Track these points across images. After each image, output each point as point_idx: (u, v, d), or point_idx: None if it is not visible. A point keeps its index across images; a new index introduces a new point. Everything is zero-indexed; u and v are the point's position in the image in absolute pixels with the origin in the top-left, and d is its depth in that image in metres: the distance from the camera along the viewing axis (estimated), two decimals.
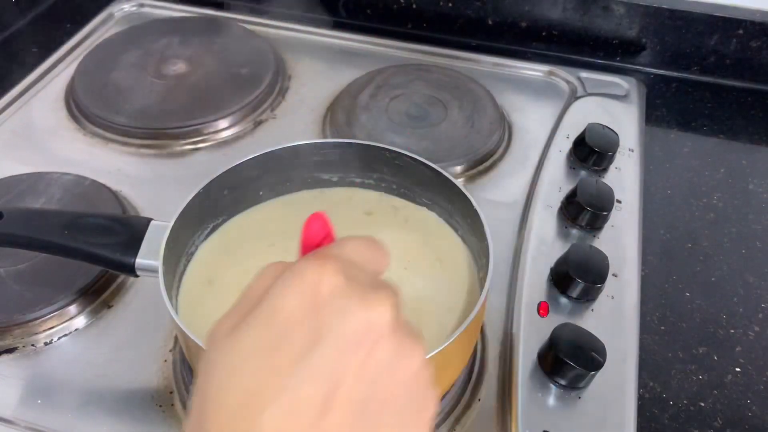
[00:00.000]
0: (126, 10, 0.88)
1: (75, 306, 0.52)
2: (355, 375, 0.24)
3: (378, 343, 0.24)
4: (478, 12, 0.83)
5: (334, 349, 0.24)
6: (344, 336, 0.24)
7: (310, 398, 0.23)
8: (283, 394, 0.23)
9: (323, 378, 0.23)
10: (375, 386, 0.24)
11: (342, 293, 0.25)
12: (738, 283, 0.57)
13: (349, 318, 0.24)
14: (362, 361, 0.24)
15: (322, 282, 0.25)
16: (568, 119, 0.71)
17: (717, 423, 0.48)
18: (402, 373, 0.25)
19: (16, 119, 0.71)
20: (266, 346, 0.24)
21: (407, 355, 0.25)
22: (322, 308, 0.24)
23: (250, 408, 0.23)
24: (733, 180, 0.67)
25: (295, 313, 0.24)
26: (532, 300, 0.52)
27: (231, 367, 0.24)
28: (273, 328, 0.24)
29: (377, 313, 0.25)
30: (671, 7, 0.77)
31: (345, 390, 0.23)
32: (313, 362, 0.23)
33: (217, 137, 0.69)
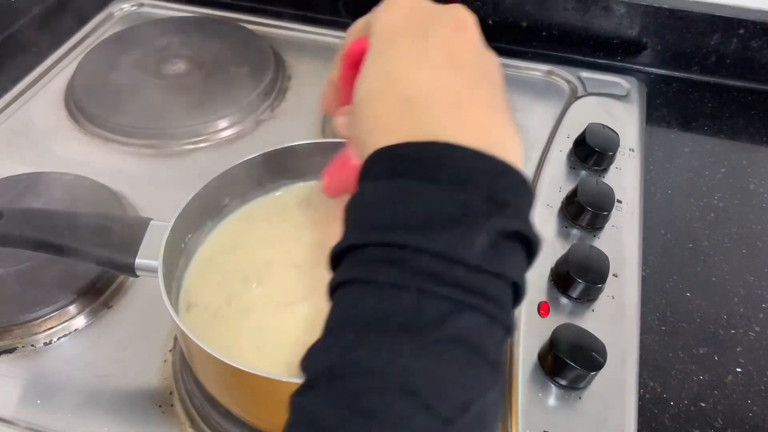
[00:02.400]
0: (126, 10, 0.88)
1: (75, 306, 0.52)
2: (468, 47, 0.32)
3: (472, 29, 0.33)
4: (478, 12, 0.82)
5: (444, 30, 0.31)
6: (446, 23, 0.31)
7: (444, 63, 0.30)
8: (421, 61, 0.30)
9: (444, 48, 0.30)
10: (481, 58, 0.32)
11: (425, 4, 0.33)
12: (738, 283, 0.57)
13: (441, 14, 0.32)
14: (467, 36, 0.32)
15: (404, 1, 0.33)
16: (568, 119, 0.71)
17: (717, 423, 0.48)
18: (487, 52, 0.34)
19: (16, 119, 0.71)
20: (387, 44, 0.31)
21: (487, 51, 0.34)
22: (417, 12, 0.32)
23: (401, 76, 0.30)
24: (733, 180, 0.67)
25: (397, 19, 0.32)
26: (532, 300, 0.52)
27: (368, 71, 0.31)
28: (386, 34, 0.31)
29: (461, 12, 0.33)
30: (671, 6, 0.77)
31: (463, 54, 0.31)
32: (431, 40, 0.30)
33: (217, 137, 0.69)
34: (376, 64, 0.31)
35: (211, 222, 0.50)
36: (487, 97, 0.30)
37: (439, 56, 0.30)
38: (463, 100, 0.29)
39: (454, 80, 0.29)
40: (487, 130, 0.28)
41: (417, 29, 0.31)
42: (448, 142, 0.26)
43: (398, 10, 0.32)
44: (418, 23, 0.31)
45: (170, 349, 0.50)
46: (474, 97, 0.29)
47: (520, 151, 0.30)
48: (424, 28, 0.31)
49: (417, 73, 0.29)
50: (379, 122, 0.29)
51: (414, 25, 0.31)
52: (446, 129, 0.27)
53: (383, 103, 0.29)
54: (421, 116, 0.28)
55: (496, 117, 0.30)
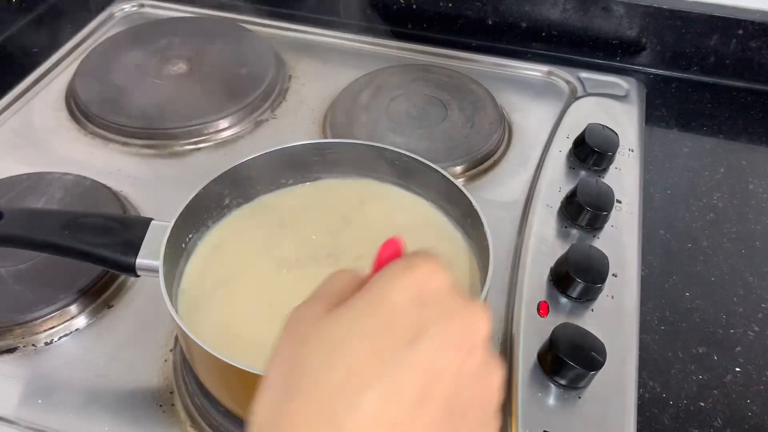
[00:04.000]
0: (126, 11, 0.88)
1: (75, 306, 0.52)
2: (451, 374, 0.24)
3: (473, 352, 0.25)
4: (478, 12, 0.83)
5: (436, 346, 0.24)
6: (446, 336, 0.25)
7: (410, 387, 0.23)
8: (385, 377, 0.23)
9: (423, 370, 0.24)
10: (464, 391, 0.25)
11: (448, 294, 0.26)
12: (738, 283, 0.58)
13: (453, 320, 0.25)
14: (459, 363, 0.25)
15: (432, 279, 0.26)
16: (568, 119, 0.71)
17: (717, 423, 0.48)
18: (485, 387, 0.26)
19: (16, 119, 0.71)
20: (372, 329, 0.24)
21: (492, 371, 0.27)
22: (429, 304, 0.25)
23: (351, 387, 0.23)
24: (732, 180, 0.67)
25: (402, 303, 0.25)
26: (532, 300, 0.52)
27: (334, 344, 0.24)
28: (379, 313, 0.25)
29: (477, 324, 0.26)
30: (671, 7, 0.77)
31: (441, 386, 0.24)
32: (415, 353, 0.24)
33: (217, 137, 0.69)
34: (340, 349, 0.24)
35: (211, 222, 0.51)
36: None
37: (408, 381, 0.23)
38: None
39: (402, 421, 0.23)
40: None
41: (412, 327, 0.24)
42: None
43: (411, 289, 0.25)
44: (417, 320, 0.25)
45: (171, 349, 0.50)
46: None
47: None
48: (419, 332, 0.24)
49: (365, 397, 0.23)
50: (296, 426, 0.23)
51: (411, 321, 0.25)
52: None
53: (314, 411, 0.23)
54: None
55: None
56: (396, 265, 0.26)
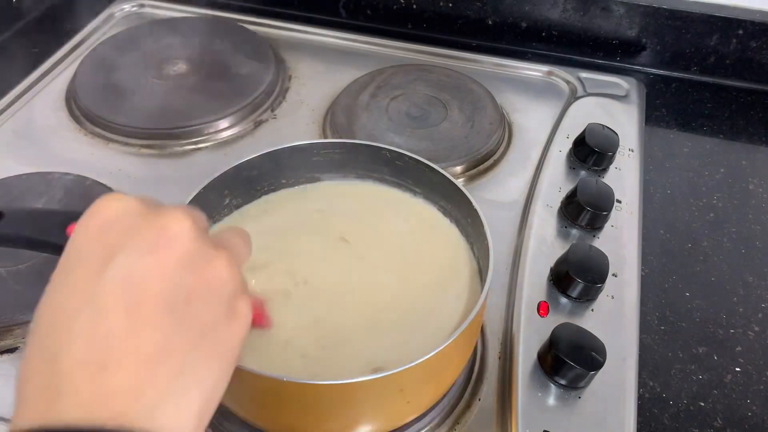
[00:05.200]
0: (126, 11, 0.88)
1: None
2: (154, 275, 0.25)
3: (172, 249, 0.26)
4: (478, 12, 0.83)
5: (128, 260, 0.25)
6: (137, 246, 0.26)
7: (114, 301, 0.25)
8: (86, 303, 0.25)
9: (123, 283, 0.25)
10: (177, 284, 0.26)
11: (130, 215, 0.27)
12: (738, 283, 0.58)
13: (140, 231, 0.26)
14: (159, 264, 0.26)
15: (109, 208, 0.27)
16: (568, 119, 0.71)
17: (717, 423, 0.48)
18: (205, 273, 0.27)
19: (17, 119, 0.71)
20: (62, 275, 0.26)
21: (207, 258, 0.27)
22: (112, 230, 0.27)
23: (59, 322, 0.25)
24: (733, 180, 0.67)
25: (87, 240, 0.27)
26: (532, 300, 0.52)
27: (41, 300, 0.26)
28: (67, 261, 0.27)
29: (168, 223, 0.27)
30: (671, 7, 0.77)
31: (146, 290, 0.25)
32: (109, 273, 0.25)
33: (217, 137, 0.69)
34: (45, 301, 0.26)
35: (211, 222, 0.51)
36: (153, 345, 0.25)
37: (111, 294, 0.25)
38: (115, 356, 0.24)
39: (117, 330, 0.24)
40: (134, 397, 0.24)
41: (101, 255, 0.26)
42: (79, 425, 0.23)
43: (95, 223, 0.27)
44: (104, 248, 0.26)
45: None
46: (132, 348, 0.24)
47: (185, 412, 0.25)
48: (110, 252, 0.26)
49: (74, 324, 0.24)
50: (25, 383, 0.25)
51: (99, 250, 0.26)
52: (83, 402, 0.23)
53: (34, 356, 0.25)
54: (60, 383, 0.23)
55: (157, 373, 0.24)
56: (80, 219, 0.28)
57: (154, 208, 0.28)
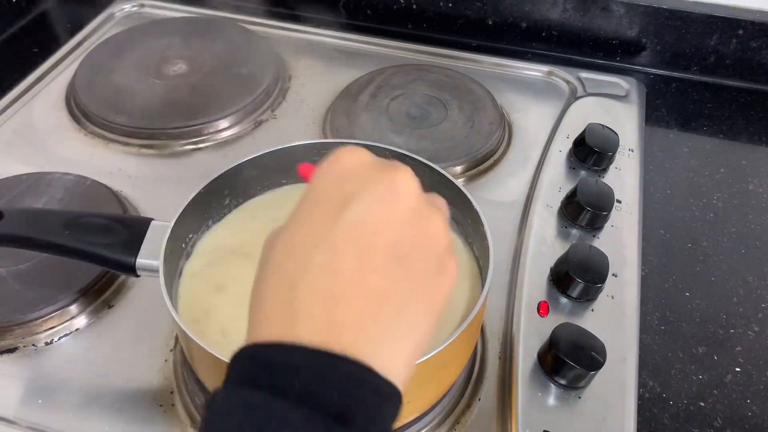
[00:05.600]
0: (127, 11, 0.88)
1: (76, 306, 0.52)
2: (383, 225, 0.28)
3: (402, 203, 0.29)
4: (478, 12, 0.83)
5: (362, 207, 0.28)
6: (370, 196, 0.28)
7: (348, 243, 0.27)
8: (323, 242, 0.27)
9: (356, 229, 0.27)
10: (401, 235, 0.28)
11: (365, 167, 0.30)
12: (738, 283, 0.58)
13: (374, 182, 0.29)
14: (390, 214, 0.28)
15: (347, 159, 0.30)
16: (568, 119, 0.71)
17: (717, 423, 0.48)
18: (424, 230, 0.29)
19: (17, 119, 0.71)
20: (305, 212, 0.29)
21: (427, 216, 0.30)
22: (348, 180, 0.29)
23: (298, 256, 0.27)
24: (733, 180, 0.67)
25: (325, 187, 0.29)
26: (532, 300, 0.52)
27: (280, 237, 0.29)
28: (309, 202, 0.29)
29: (398, 179, 0.29)
30: (671, 7, 0.77)
31: (375, 237, 0.28)
32: (344, 218, 0.28)
33: (217, 137, 0.69)
34: (284, 238, 0.29)
35: (211, 222, 0.51)
36: (379, 288, 0.27)
37: (344, 236, 0.27)
38: (347, 293, 0.26)
39: (349, 270, 0.27)
40: (358, 332, 0.26)
41: (338, 201, 0.28)
42: (313, 347, 0.25)
43: (334, 172, 0.30)
44: (341, 194, 0.28)
45: (171, 349, 0.50)
46: (361, 288, 0.27)
47: (397, 357, 0.27)
48: (344, 200, 0.28)
49: (312, 259, 0.27)
50: (263, 302, 0.28)
51: (338, 195, 0.29)
52: (316, 329, 0.26)
53: (274, 282, 0.28)
54: (298, 309, 0.26)
55: (380, 314, 0.27)
56: (318, 166, 0.31)
57: (386, 163, 0.30)
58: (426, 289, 0.29)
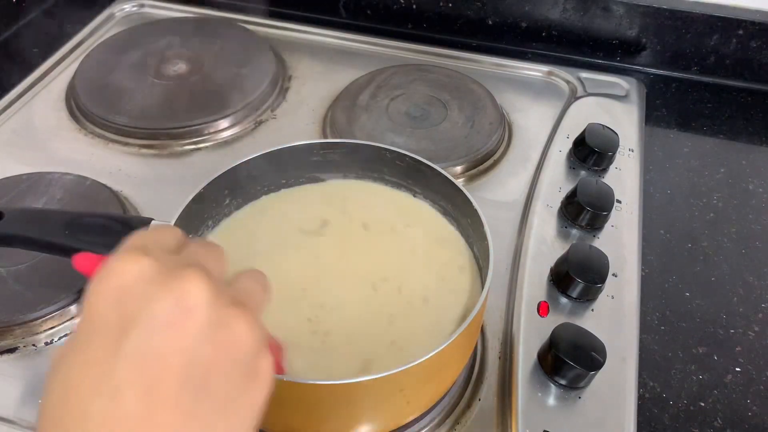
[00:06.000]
0: (126, 11, 0.88)
1: (76, 306, 0.52)
2: (172, 351, 0.24)
3: (191, 319, 0.25)
4: (478, 12, 0.83)
5: (146, 332, 0.24)
6: (154, 318, 0.25)
7: (131, 382, 0.24)
8: (101, 382, 0.24)
9: (139, 361, 0.24)
10: (195, 357, 0.25)
11: (147, 280, 0.26)
12: (738, 283, 0.58)
13: (156, 302, 0.25)
14: (176, 338, 0.25)
15: (126, 271, 0.26)
16: (568, 119, 0.71)
17: (717, 423, 0.48)
18: (223, 340, 0.26)
19: (17, 119, 0.71)
20: (81, 342, 0.25)
21: (225, 324, 0.26)
22: (129, 297, 0.25)
23: (73, 402, 0.24)
24: (733, 180, 0.67)
25: (103, 308, 0.25)
26: (532, 300, 0.52)
27: (54, 370, 0.25)
28: (85, 326, 0.25)
29: (185, 291, 0.25)
30: (671, 7, 0.77)
31: (164, 367, 0.24)
32: (125, 349, 0.24)
33: (217, 137, 0.69)
34: (60, 371, 0.25)
35: (211, 222, 0.51)
36: (175, 427, 0.24)
37: (126, 373, 0.24)
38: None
39: (134, 415, 0.23)
40: None
41: (116, 328, 0.25)
42: None
43: (109, 290, 0.26)
44: (120, 318, 0.25)
45: None
46: (155, 425, 0.24)
47: None
48: (124, 326, 0.24)
49: (89, 407, 0.23)
50: None
51: (114, 320, 0.25)
52: None
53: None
54: None
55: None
56: (92, 279, 0.26)
57: (172, 269, 0.26)
58: (233, 408, 0.26)
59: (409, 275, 0.48)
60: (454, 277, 0.48)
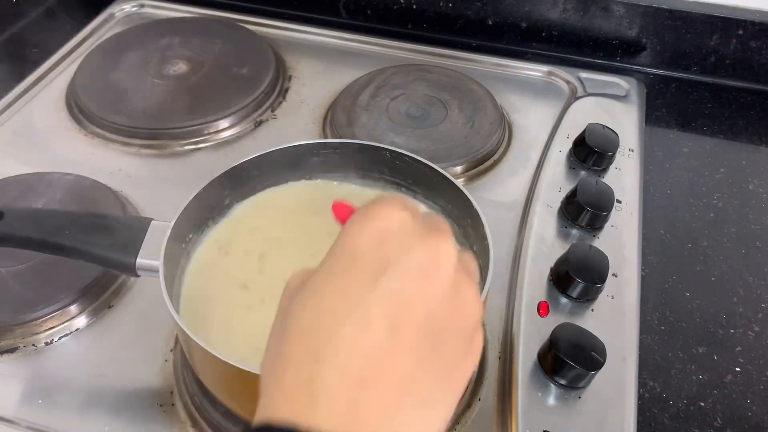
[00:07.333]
0: (127, 11, 0.88)
1: (76, 306, 0.52)
2: (421, 299, 0.26)
3: (439, 276, 0.27)
4: (478, 12, 0.83)
5: (400, 278, 0.26)
6: (409, 266, 0.27)
7: (381, 317, 0.26)
8: (354, 311, 0.26)
9: (391, 301, 0.26)
10: (436, 312, 0.27)
11: (407, 231, 0.28)
12: (738, 283, 0.58)
13: (413, 253, 0.27)
14: (427, 288, 0.27)
15: (390, 220, 0.28)
16: (568, 119, 0.71)
17: (717, 423, 0.48)
18: (458, 306, 0.28)
19: (17, 119, 0.71)
20: (339, 271, 0.27)
21: (463, 288, 0.28)
22: (389, 242, 0.27)
23: (325, 323, 0.26)
24: (733, 180, 0.67)
25: (364, 246, 0.28)
26: (532, 300, 0.52)
27: (308, 292, 0.27)
28: (344, 258, 0.28)
29: (441, 249, 0.28)
30: (671, 7, 0.77)
31: (412, 312, 0.26)
32: (381, 286, 0.26)
33: (217, 137, 0.69)
34: (314, 292, 0.27)
35: (212, 222, 0.51)
36: (409, 370, 0.25)
37: (378, 309, 0.26)
38: (374, 375, 0.25)
39: (378, 347, 0.25)
40: (382, 422, 0.25)
41: (374, 266, 0.27)
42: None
43: (371, 230, 0.28)
44: (380, 258, 0.27)
45: (171, 349, 0.51)
46: (390, 370, 0.25)
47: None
48: (382, 266, 0.26)
49: (340, 330, 0.25)
50: (282, 372, 0.26)
51: (374, 259, 0.27)
52: (337, 414, 0.24)
53: (295, 350, 0.26)
54: (320, 389, 0.24)
55: (407, 401, 0.25)
56: (356, 215, 0.29)
57: (429, 228, 0.29)
58: (453, 373, 0.28)
59: None
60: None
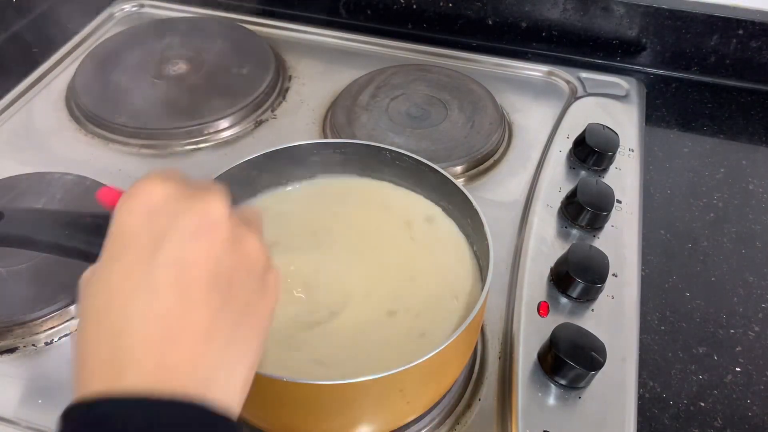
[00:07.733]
0: (126, 11, 0.88)
1: (76, 306, 0.52)
2: (201, 258, 0.28)
3: (215, 231, 0.29)
4: (478, 12, 0.83)
5: (177, 244, 0.28)
6: (183, 232, 0.28)
7: (167, 284, 0.27)
8: (142, 285, 0.27)
9: (174, 267, 0.27)
10: (220, 265, 0.28)
11: (175, 200, 0.29)
12: (738, 283, 0.58)
13: (184, 217, 0.28)
14: (204, 247, 0.28)
15: (156, 192, 0.29)
16: (568, 119, 0.71)
17: (717, 423, 0.48)
18: (241, 252, 0.29)
19: (17, 119, 0.71)
20: (118, 255, 0.28)
21: (242, 237, 0.30)
22: (159, 215, 0.28)
23: (117, 303, 0.27)
24: (733, 180, 0.67)
25: (136, 226, 0.29)
26: (532, 300, 0.52)
27: (96, 282, 0.28)
28: (121, 241, 0.29)
29: (209, 208, 0.29)
30: (671, 7, 0.77)
31: (195, 271, 0.27)
32: (161, 256, 0.27)
33: (217, 137, 0.69)
34: (100, 280, 0.28)
35: None
36: (205, 323, 0.27)
37: (164, 277, 0.27)
38: (173, 334, 0.26)
39: (172, 310, 0.27)
40: (192, 370, 0.26)
41: (150, 241, 0.28)
42: (143, 395, 0.25)
43: (139, 208, 0.29)
44: (154, 231, 0.28)
45: None
46: (187, 326, 0.27)
47: (232, 384, 0.28)
48: (158, 236, 0.28)
49: (132, 302, 0.27)
50: (87, 357, 0.27)
51: (149, 235, 0.28)
52: (146, 374, 0.25)
53: (96, 334, 0.27)
54: (124, 358, 0.26)
55: (209, 348, 0.27)
56: (123, 197, 0.30)
57: (193, 192, 0.30)
58: (251, 312, 0.29)
59: (408, 275, 0.48)
60: (454, 277, 0.48)
